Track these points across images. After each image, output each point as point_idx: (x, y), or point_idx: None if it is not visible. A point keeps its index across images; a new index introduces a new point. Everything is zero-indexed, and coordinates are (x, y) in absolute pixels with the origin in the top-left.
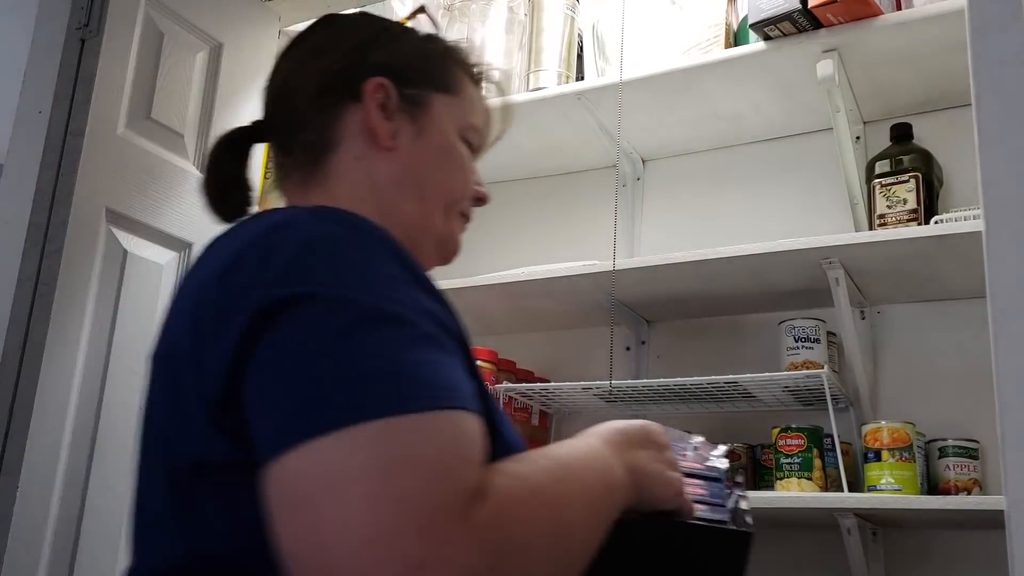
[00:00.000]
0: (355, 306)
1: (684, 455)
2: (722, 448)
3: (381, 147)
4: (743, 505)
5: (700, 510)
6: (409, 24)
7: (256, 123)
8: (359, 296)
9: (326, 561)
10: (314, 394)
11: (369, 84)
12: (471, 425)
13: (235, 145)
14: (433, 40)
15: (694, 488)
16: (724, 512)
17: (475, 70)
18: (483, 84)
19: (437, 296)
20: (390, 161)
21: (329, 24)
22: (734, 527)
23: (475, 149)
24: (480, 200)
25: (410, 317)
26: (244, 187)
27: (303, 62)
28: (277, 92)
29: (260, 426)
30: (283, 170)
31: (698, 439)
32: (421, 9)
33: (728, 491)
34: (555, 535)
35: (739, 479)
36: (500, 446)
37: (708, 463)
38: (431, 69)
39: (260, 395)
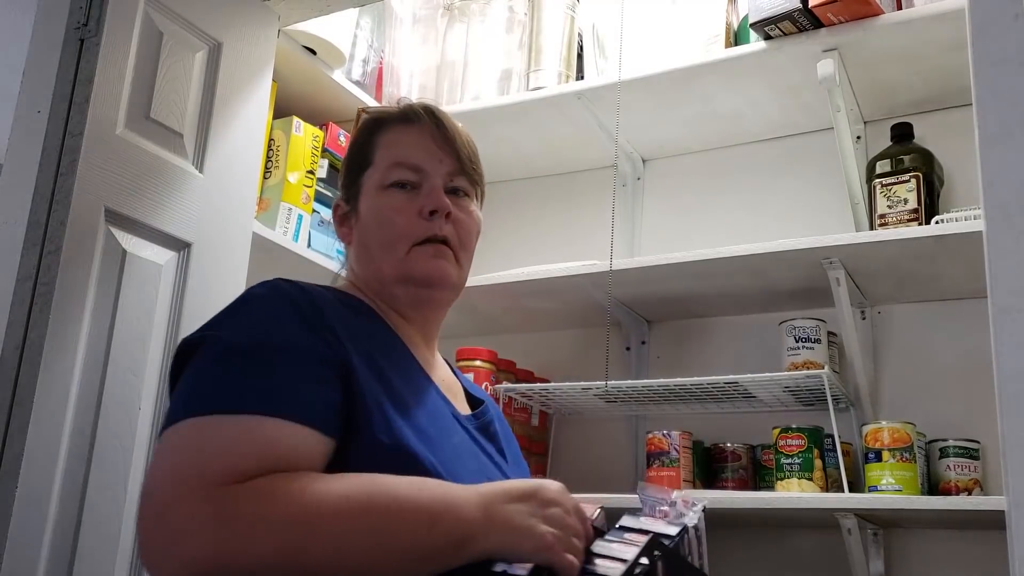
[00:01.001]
0: (224, 343)
1: (661, 512)
2: (700, 504)
3: (347, 244)
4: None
5: (604, 566)
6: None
7: None
8: (233, 336)
9: (145, 487)
10: (178, 399)
11: (332, 208)
12: (274, 429)
13: None
14: (360, 129)
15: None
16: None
17: (392, 116)
18: (404, 114)
19: (327, 334)
20: (353, 249)
21: None
22: None
23: (418, 169)
24: (432, 212)
25: (266, 351)
26: None
27: None
28: None
29: None
30: None
31: (677, 494)
32: (359, 112)
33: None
34: (293, 536)
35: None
36: (392, 455)
37: (678, 519)
38: (356, 160)
39: None
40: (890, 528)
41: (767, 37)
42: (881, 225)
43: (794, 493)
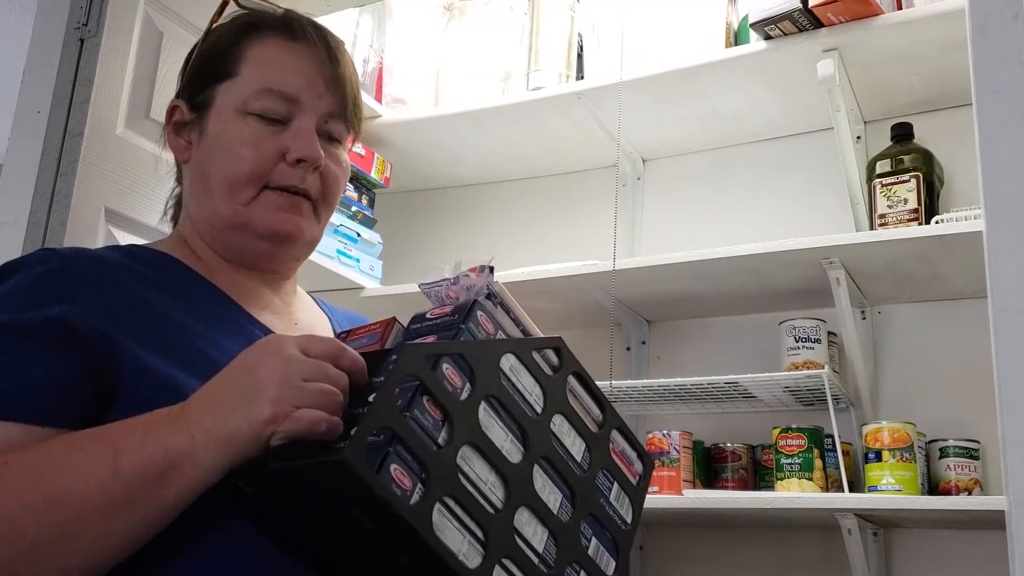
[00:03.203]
0: None
1: (448, 297)
2: (487, 263)
3: (182, 162)
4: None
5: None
6: (220, 21)
7: None
8: None
9: None
10: None
11: (167, 111)
12: None
13: None
14: (219, 32)
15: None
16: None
17: (272, 23)
18: (288, 25)
19: (68, 306)
20: (188, 170)
21: None
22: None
23: (292, 100)
24: (300, 161)
25: None
26: None
27: None
28: None
29: None
30: None
31: (458, 270)
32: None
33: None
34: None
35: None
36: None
37: (471, 293)
38: (212, 66)
39: None
40: (890, 528)
41: (767, 37)
42: (881, 225)
43: (794, 493)
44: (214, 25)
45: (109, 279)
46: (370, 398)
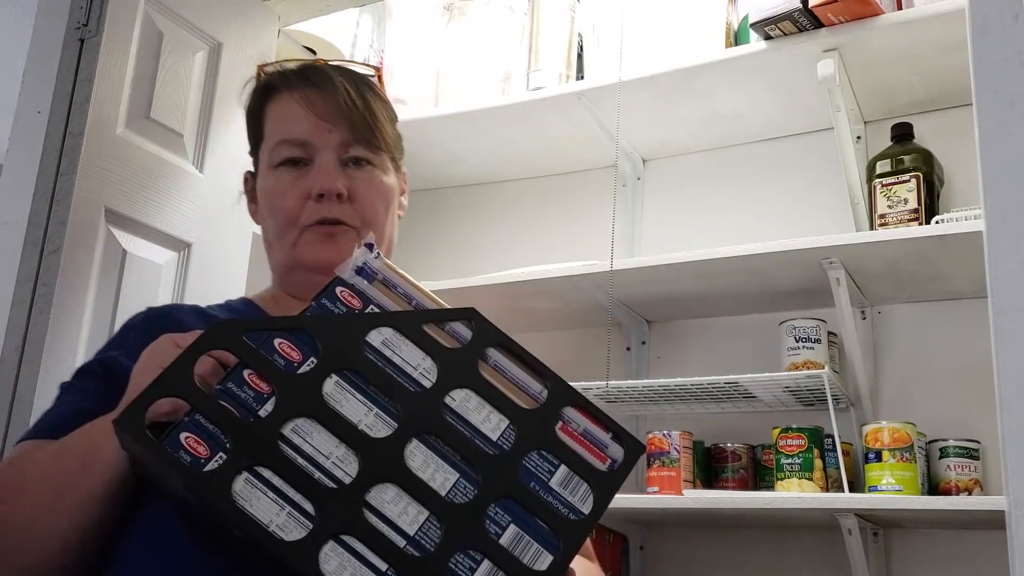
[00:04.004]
0: None
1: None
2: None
3: (258, 224)
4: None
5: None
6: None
7: None
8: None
9: None
10: None
11: (242, 180)
12: (21, 448)
13: None
14: (252, 95)
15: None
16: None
17: (275, 82)
18: (285, 79)
19: (122, 343)
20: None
21: None
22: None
23: (304, 144)
24: (321, 195)
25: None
26: None
27: None
28: None
29: None
30: None
31: (363, 248)
32: (258, 71)
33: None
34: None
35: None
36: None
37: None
38: (249, 133)
39: None
40: (890, 528)
41: (767, 37)
42: (881, 225)
43: (794, 493)
44: (249, 93)
45: (164, 320)
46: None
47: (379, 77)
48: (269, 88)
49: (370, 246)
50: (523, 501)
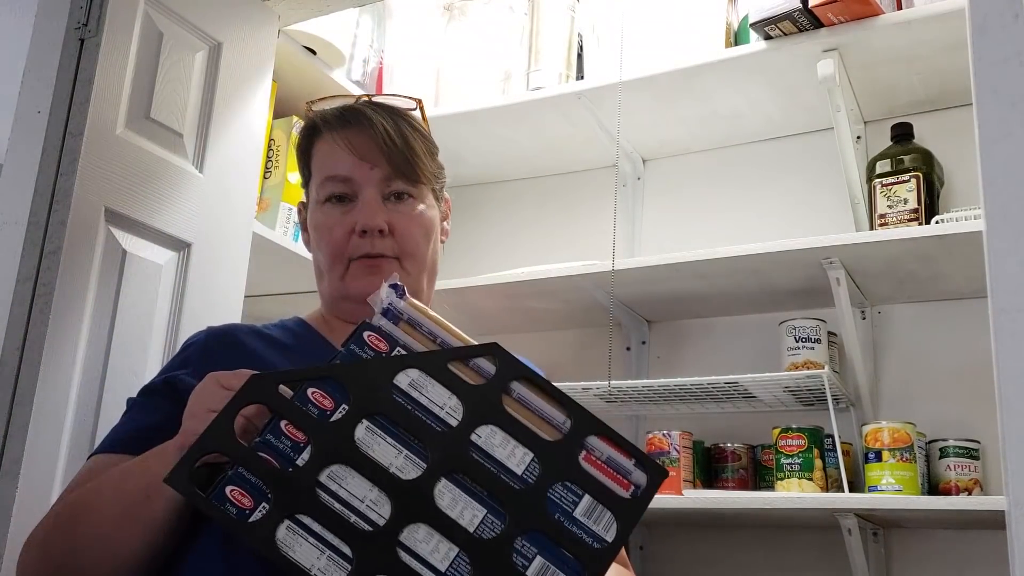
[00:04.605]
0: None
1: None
2: (390, 280)
3: (311, 252)
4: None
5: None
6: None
7: None
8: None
9: None
10: None
11: (297, 210)
12: (94, 462)
13: None
14: (300, 135)
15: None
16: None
17: (319, 124)
18: (327, 121)
19: (184, 362)
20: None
21: None
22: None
23: (347, 180)
24: (364, 231)
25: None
26: None
27: None
28: None
29: None
30: None
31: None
32: (308, 106)
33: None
34: (60, 530)
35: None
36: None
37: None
38: (302, 169)
39: None
40: (890, 528)
41: (767, 37)
42: (881, 225)
43: (794, 493)
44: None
45: (226, 340)
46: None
47: (420, 108)
48: (314, 129)
49: (395, 287)
50: (549, 533)
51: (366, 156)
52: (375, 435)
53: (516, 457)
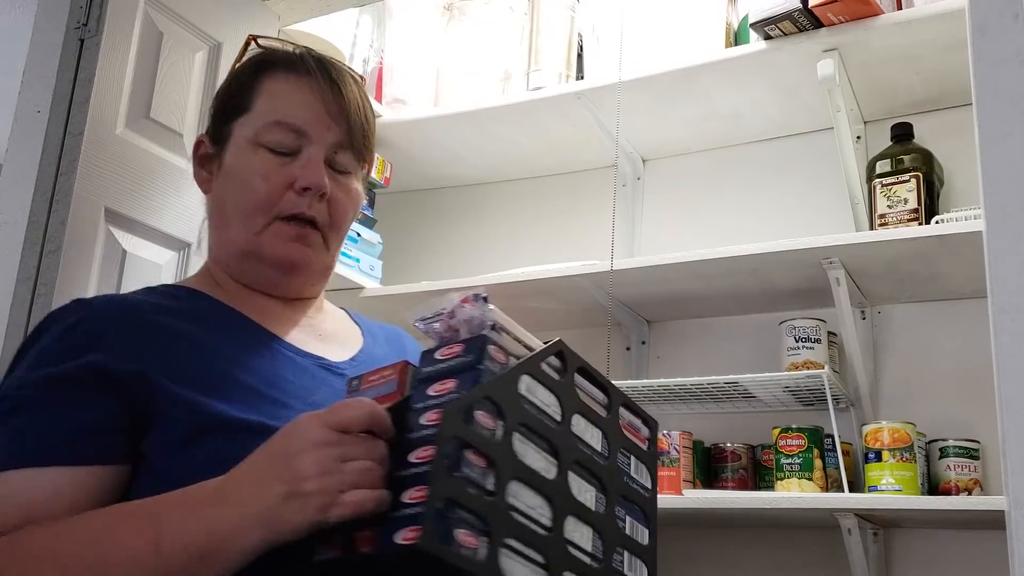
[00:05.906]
0: None
1: (449, 328)
2: (480, 293)
3: (205, 193)
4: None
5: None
6: (245, 58)
7: None
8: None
9: None
10: None
11: (193, 145)
12: (22, 481)
13: None
14: (239, 70)
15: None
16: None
17: (281, 60)
18: (294, 62)
19: (99, 353)
20: (209, 201)
21: None
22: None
23: (300, 132)
24: (306, 189)
25: (21, 396)
26: None
27: None
28: None
29: None
30: None
31: (452, 297)
32: (249, 40)
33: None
34: None
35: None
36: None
37: (473, 325)
38: (230, 102)
39: None
40: (890, 528)
41: (767, 37)
42: (881, 225)
43: (794, 493)
44: (236, 65)
45: (136, 320)
46: (417, 468)
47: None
48: (268, 63)
49: (484, 298)
50: (627, 494)
51: (325, 114)
52: (525, 445)
53: (595, 438)
